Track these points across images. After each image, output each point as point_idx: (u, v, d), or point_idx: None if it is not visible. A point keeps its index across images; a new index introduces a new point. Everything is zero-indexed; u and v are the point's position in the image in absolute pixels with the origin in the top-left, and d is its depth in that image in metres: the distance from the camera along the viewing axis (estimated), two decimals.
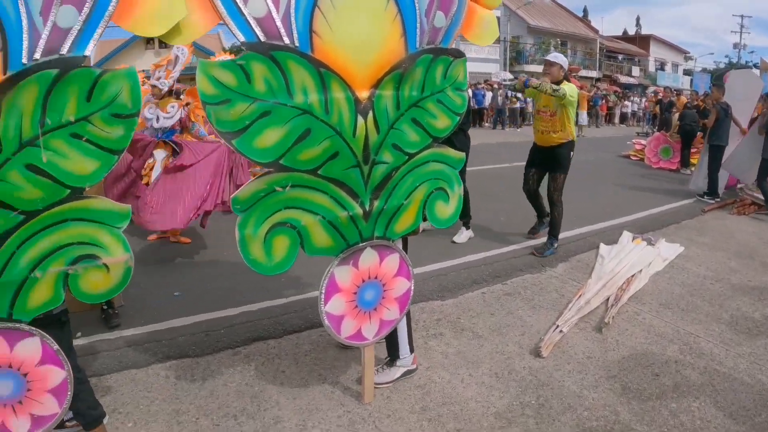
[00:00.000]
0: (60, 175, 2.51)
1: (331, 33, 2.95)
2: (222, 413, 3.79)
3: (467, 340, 4.54)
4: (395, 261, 3.66)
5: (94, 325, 5.08)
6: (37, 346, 2.75)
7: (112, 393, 4.13)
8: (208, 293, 5.69)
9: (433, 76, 3.36)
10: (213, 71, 2.73)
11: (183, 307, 5.40)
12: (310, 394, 3.94)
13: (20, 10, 2.28)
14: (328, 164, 3.16)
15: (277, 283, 5.70)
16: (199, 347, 4.63)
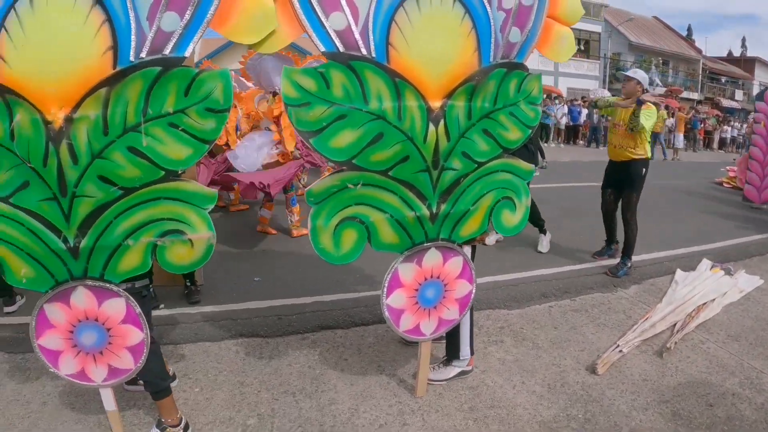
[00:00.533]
0: (157, 158, 2.79)
1: (407, 46, 3.10)
2: (282, 390, 4.03)
3: (526, 350, 4.60)
4: (458, 263, 3.77)
5: (177, 299, 5.46)
6: (121, 306, 3.06)
7: (185, 360, 4.46)
8: (286, 281, 5.97)
9: (506, 90, 3.44)
10: (296, 77, 2.97)
11: (260, 291, 5.70)
12: (367, 382, 4.11)
13: (129, 15, 2.58)
14: (398, 167, 3.31)
15: (351, 278, 5.94)
16: (270, 329, 4.89)
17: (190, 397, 3.99)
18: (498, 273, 6.29)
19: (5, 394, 4.18)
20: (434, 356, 4.23)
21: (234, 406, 3.87)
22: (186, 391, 4.06)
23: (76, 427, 3.76)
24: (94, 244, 2.91)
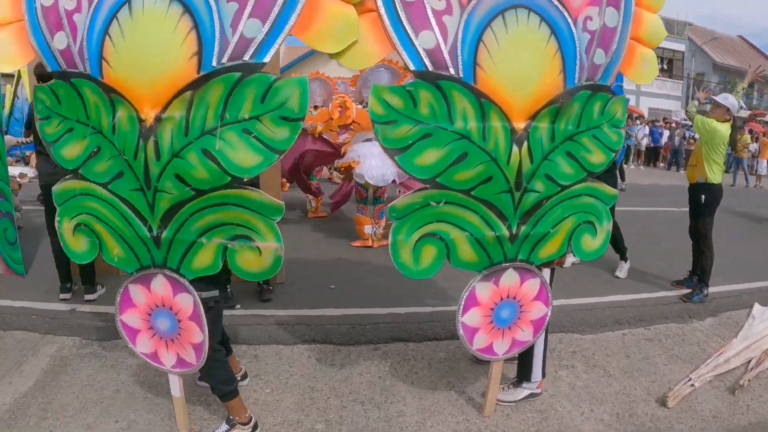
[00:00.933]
0: (225, 163, 2.85)
1: (494, 66, 3.05)
2: (352, 398, 4.06)
3: (597, 377, 4.51)
4: (535, 285, 3.71)
5: (254, 300, 5.58)
6: (190, 303, 3.20)
7: (258, 361, 4.55)
8: (361, 291, 6.03)
9: (590, 112, 3.35)
10: (384, 95, 3.02)
11: (336, 298, 5.77)
12: (436, 397, 4.10)
13: (215, 22, 2.69)
14: (481, 186, 3.26)
15: (426, 292, 5.93)
16: (344, 337, 4.94)
17: (260, 398, 4.07)
18: (573, 296, 6.20)
19: (80, 378, 4.35)
20: (505, 376, 4.19)
21: (303, 410, 3.92)
22: (257, 391, 4.15)
23: (147, 416, 3.88)
24: (173, 236, 3.09)
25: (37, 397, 4.11)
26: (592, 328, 5.41)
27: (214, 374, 3.57)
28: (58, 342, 4.96)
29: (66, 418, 3.87)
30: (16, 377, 4.39)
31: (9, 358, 4.71)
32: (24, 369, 4.51)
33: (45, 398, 4.10)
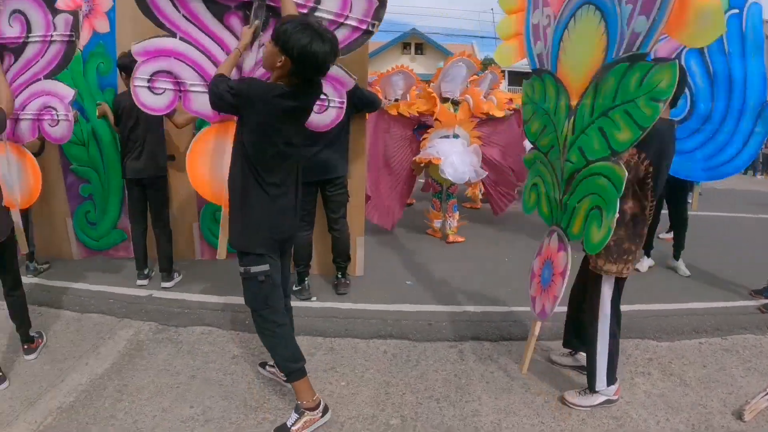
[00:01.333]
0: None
1: (566, 57, 3.76)
2: (427, 395, 4.02)
3: (673, 386, 4.35)
4: (564, 260, 3.91)
5: (330, 293, 5.65)
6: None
7: (334, 354, 4.56)
8: (438, 288, 5.96)
9: (627, 85, 3.22)
10: (524, 86, 4.33)
11: (413, 295, 5.74)
12: (512, 398, 4.02)
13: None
14: (550, 152, 4.00)
15: (503, 292, 5.84)
16: (420, 333, 4.90)
17: (335, 390, 4.05)
18: (649, 301, 6.00)
19: (156, 362, 4.42)
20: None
21: (378, 404, 3.90)
22: (332, 383, 4.14)
23: (222, 403, 3.90)
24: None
25: (113, 379, 4.19)
26: (668, 335, 5.22)
27: (279, 351, 3.59)
28: (134, 326, 5.06)
29: (141, 401, 3.93)
30: (93, 359, 4.49)
31: (86, 340, 4.82)
32: (101, 351, 4.61)
33: (121, 380, 4.18)
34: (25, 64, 4.76)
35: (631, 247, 3.64)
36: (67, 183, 6.61)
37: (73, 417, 3.78)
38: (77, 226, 6.77)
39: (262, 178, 3.31)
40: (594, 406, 3.98)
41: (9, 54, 4.74)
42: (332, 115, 4.37)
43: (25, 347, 4.53)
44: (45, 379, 4.22)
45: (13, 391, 4.08)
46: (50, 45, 4.71)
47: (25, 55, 4.74)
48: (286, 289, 3.83)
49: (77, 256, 6.91)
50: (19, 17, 4.67)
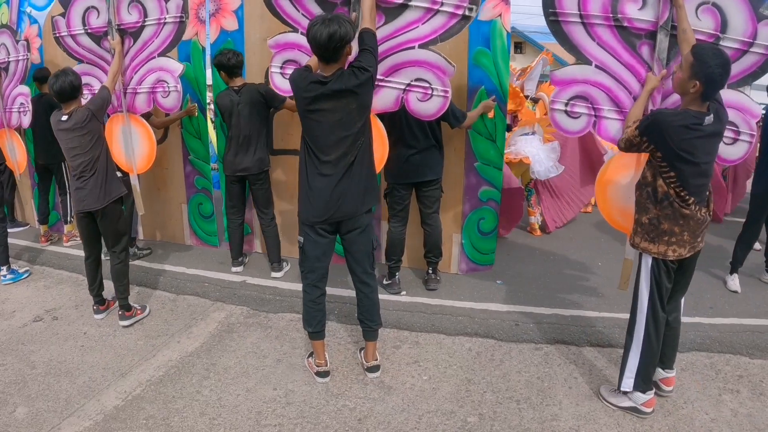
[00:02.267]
0: None
1: None
2: (508, 395, 3.90)
3: (762, 406, 4.02)
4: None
5: (420, 288, 5.56)
6: None
7: (419, 347, 4.51)
8: (527, 289, 5.76)
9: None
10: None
11: (501, 294, 5.57)
12: (593, 405, 3.86)
13: None
14: None
15: (592, 298, 5.59)
16: (506, 333, 4.75)
17: (417, 384, 4.01)
18: (744, 315, 5.50)
19: (245, 345, 4.51)
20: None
21: (458, 401, 3.82)
22: (414, 377, 4.09)
23: (304, 388, 3.94)
24: None
25: (202, 358, 4.31)
26: (762, 352, 4.79)
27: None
28: (227, 310, 5.18)
29: (227, 380, 4.03)
30: (185, 338, 4.64)
31: (180, 319, 4.99)
32: (192, 331, 4.75)
33: (209, 359, 4.29)
34: (143, 45, 5.30)
35: (673, 228, 3.40)
36: (186, 172, 6.81)
37: (161, 390, 3.93)
38: (191, 215, 6.97)
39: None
40: (617, 406, 3.83)
41: (129, 37, 5.32)
42: (437, 104, 4.25)
43: (120, 313, 4.90)
44: (138, 353, 4.42)
45: (107, 362, 4.30)
46: (164, 26, 5.21)
47: (142, 37, 5.28)
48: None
49: (189, 242, 7.12)
50: (137, 5, 5.20)
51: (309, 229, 3.78)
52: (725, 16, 3.62)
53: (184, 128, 6.57)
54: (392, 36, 4.14)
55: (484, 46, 5.31)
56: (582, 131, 4.11)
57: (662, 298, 3.57)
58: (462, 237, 5.98)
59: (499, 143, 5.63)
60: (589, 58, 3.91)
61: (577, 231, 8.19)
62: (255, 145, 5.61)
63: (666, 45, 3.72)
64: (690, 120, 3.16)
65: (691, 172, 3.27)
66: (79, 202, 4.65)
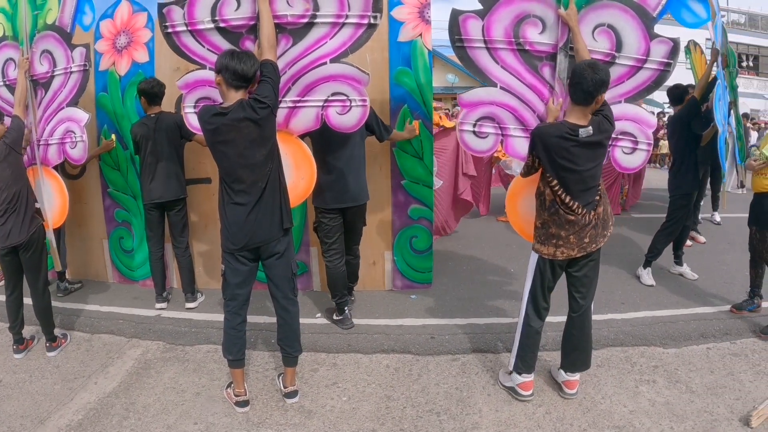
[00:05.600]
0: None
1: None
2: (428, 408, 3.79)
3: (679, 393, 4.05)
4: None
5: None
6: None
7: (337, 369, 4.35)
8: (441, 301, 5.66)
9: None
10: None
11: (415, 309, 5.45)
12: (513, 410, 3.78)
13: None
14: None
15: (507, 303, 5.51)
16: (423, 347, 4.64)
17: (336, 405, 3.87)
18: (655, 307, 5.58)
19: (163, 380, 4.29)
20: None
21: (378, 418, 3.70)
22: (333, 399, 3.95)
23: (225, 419, 3.77)
24: None
25: (120, 398, 4.08)
26: (675, 341, 4.86)
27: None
28: (143, 346, 4.93)
29: (147, 419, 3.83)
30: (102, 378, 4.38)
31: (95, 359, 4.71)
32: (109, 370, 4.50)
33: (128, 399, 4.07)
34: (53, 95, 4.99)
35: (559, 232, 3.56)
36: (105, 205, 6.48)
37: None
38: (112, 251, 6.61)
39: None
40: (504, 387, 4.03)
41: (41, 88, 5.02)
42: (357, 114, 4.11)
43: (47, 345, 4.85)
44: (55, 398, 4.14)
45: (25, 410, 4.02)
46: (70, 75, 4.91)
47: (52, 87, 4.98)
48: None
49: (112, 279, 6.75)
50: (47, 55, 4.95)
51: (229, 256, 3.71)
52: (620, 36, 3.75)
53: (102, 160, 6.25)
54: (303, 55, 4.02)
55: (405, 66, 5.31)
56: (490, 150, 4.11)
57: (544, 290, 3.77)
58: (394, 254, 5.89)
59: (426, 161, 5.58)
60: (494, 81, 3.94)
61: (488, 239, 8.16)
62: (170, 172, 5.40)
63: (566, 65, 3.79)
64: (564, 130, 3.34)
65: (572, 179, 3.43)
66: (3, 239, 4.45)
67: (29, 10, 4.92)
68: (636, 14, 3.65)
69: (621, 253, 7.03)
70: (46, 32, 4.90)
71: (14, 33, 5.05)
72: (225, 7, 3.97)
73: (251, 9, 3.92)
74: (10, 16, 5.06)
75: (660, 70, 3.76)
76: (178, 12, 4.05)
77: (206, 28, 4.04)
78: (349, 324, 5.06)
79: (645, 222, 9.05)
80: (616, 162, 3.88)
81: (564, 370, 3.90)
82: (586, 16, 3.69)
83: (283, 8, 3.90)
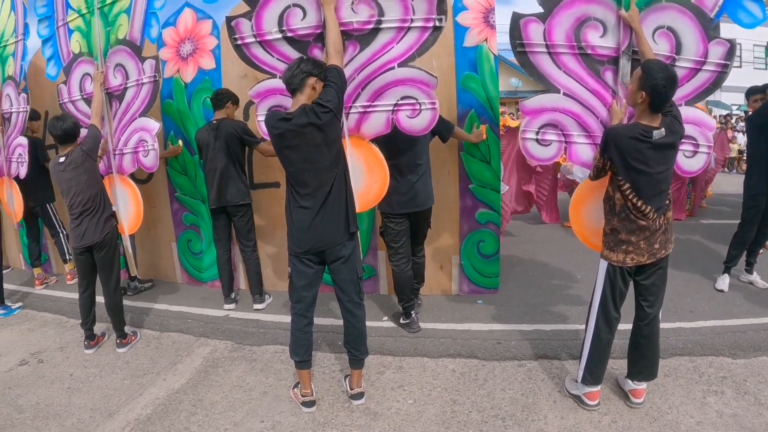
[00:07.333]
0: None
1: None
2: (493, 413, 3.79)
3: (747, 405, 3.92)
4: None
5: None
6: None
7: (403, 372, 4.39)
8: (508, 306, 5.68)
9: None
10: None
11: (482, 313, 5.49)
12: (578, 418, 3.74)
13: None
14: None
15: (573, 310, 5.51)
16: (489, 352, 4.66)
17: (402, 408, 3.90)
18: (725, 317, 5.44)
19: (231, 379, 4.41)
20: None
21: (444, 422, 3.71)
22: (399, 401, 3.98)
23: (291, 419, 3.85)
24: None
25: (188, 394, 4.21)
26: (744, 351, 4.72)
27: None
28: (211, 345, 5.09)
29: (215, 415, 3.94)
30: (170, 375, 4.53)
31: (164, 356, 4.89)
32: (178, 368, 4.65)
33: (196, 395, 4.19)
34: (126, 106, 5.33)
35: (630, 238, 3.52)
36: (173, 209, 6.78)
37: (149, 428, 3.83)
38: (180, 253, 6.90)
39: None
40: (570, 394, 4.00)
41: (115, 100, 5.37)
42: (428, 117, 4.15)
43: (118, 341, 5.13)
44: (124, 393, 4.32)
45: (95, 403, 4.20)
46: (142, 86, 5.23)
47: (125, 99, 5.33)
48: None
49: (180, 280, 7.05)
50: (120, 69, 5.29)
51: (295, 259, 3.81)
52: (679, 38, 3.70)
53: (170, 165, 6.53)
54: (371, 61, 4.08)
55: (472, 71, 5.33)
56: (553, 158, 4.07)
57: (615, 300, 3.67)
58: (461, 259, 5.92)
59: (494, 165, 5.59)
60: (556, 86, 3.89)
61: (555, 244, 8.15)
62: (230, 178, 5.57)
63: (628, 69, 3.73)
64: (638, 131, 3.29)
65: (644, 182, 3.38)
66: (78, 239, 4.77)
67: (102, 26, 5.20)
68: (694, 15, 3.61)
69: (690, 260, 6.89)
70: (118, 47, 5.23)
71: (89, 49, 5.33)
72: (291, 18, 4.08)
73: (317, 17, 4.00)
74: (85, 34, 5.36)
75: (718, 71, 3.71)
76: (246, 24, 4.21)
77: (274, 39, 4.18)
78: (416, 328, 5.12)
79: (715, 228, 8.91)
80: (678, 165, 3.79)
81: (631, 379, 3.84)
82: (646, 19, 3.67)
83: (349, 15, 3.97)
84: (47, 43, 5.77)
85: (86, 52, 5.41)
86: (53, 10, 5.64)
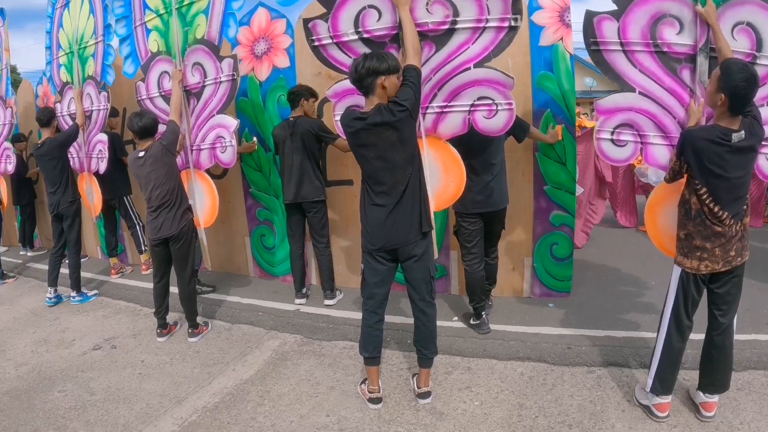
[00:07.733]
0: None
1: None
2: (560, 419, 3.74)
3: None
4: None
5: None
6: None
7: (471, 373, 4.37)
8: (579, 311, 5.60)
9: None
10: None
11: (553, 317, 5.44)
12: (647, 428, 3.65)
13: None
14: None
15: (647, 318, 5.35)
16: (558, 357, 4.60)
17: (468, 409, 3.89)
18: None
19: (299, 372, 4.48)
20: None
21: (509, 426, 3.68)
22: (466, 402, 3.98)
23: (357, 414, 3.88)
24: None
25: (256, 385, 4.31)
26: None
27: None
28: (281, 338, 5.19)
29: (281, 407, 4.01)
30: (240, 365, 4.65)
31: (234, 347, 5.01)
32: (247, 359, 4.76)
33: (264, 387, 4.28)
34: (204, 103, 5.53)
35: (705, 244, 3.40)
36: (247, 205, 6.96)
37: (217, 417, 3.93)
38: (254, 247, 7.07)
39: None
40: (640, 403, 3.87)
41: (193, 98, 5.59)
42: (504, 118, 4.14)
43: (189, 331, 5.32)
44: (194, 381, 4.45)
45: (164, 389, 4.35)
46: (220, 85, 5.40)
47: (203, 96, 5.53)
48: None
49: (253, 274, 7.23)
50: (198, 67, 5.49)
51: (368, 256, 3.87)
52: (760, 34, 3.54)
53: (244, 162, 6.69)
54: (446, 61, 4.10)
55: (548, 70, 5.29)
56: (629, 159, 4.02)
57: (687, 308, 3.57)
58: (534, 261, 5.87)
59: (569, 166, 5.52)
60: (632, 85, 3.83)
61: (629, 249, 8.00)
62: (307, 174, 5.67)
63: (706, 67, 3.62)
64: (716, 134, 3.17)
65: (722, 187, 3.26)
66: (155, 231, 4.97)
67: (180, 26, 5.37)
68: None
69: (767, 269, 6.69)
70: (196, 46, 5.43)
71: (167, 48, 5.52)
72: (367, 19, 4.16)
73: (392, 18, 4.05)
74: (163, 33, 5.54)
75: None
76: (323, 26, 4.31)
77: (351, 40, 4.27)
78: (486, 329, 5.10)
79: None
80: (758, 169, 3.64)
81: (702, 391, 3.71)
82: (724, 14, 3.53)
83: (424, 16, 3.99)
84: (125, 41, 6.00)
85: (164, 50, 5.60)
86: (130, 10, 5.85)
